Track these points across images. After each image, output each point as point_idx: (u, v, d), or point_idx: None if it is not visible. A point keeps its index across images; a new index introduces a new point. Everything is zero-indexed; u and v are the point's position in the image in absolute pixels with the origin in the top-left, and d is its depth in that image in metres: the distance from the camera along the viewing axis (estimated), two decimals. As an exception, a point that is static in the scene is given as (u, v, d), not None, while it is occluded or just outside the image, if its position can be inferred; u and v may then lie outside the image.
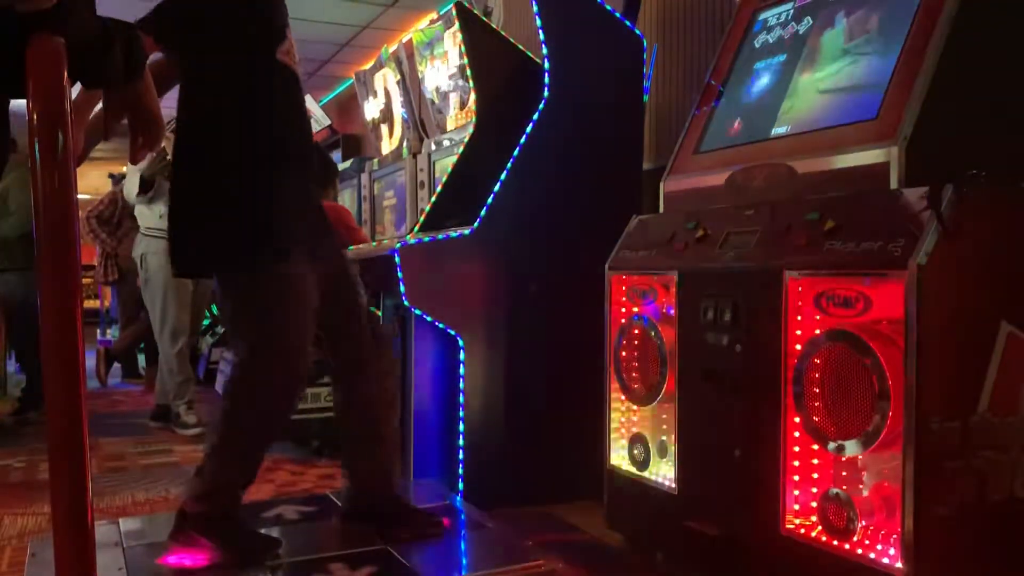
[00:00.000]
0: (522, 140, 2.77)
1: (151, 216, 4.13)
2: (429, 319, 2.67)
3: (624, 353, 2.29)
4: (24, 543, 2.41)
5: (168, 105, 1.63)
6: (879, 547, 1.60)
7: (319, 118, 7.25)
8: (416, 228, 3.23)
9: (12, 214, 4.40)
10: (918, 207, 1.55)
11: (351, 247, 3.32)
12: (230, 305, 2.00)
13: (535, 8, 2.78)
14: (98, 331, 8.74)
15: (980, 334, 1.59)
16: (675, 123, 3.23)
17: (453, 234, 2.73)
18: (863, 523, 1.63)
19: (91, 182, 6.07)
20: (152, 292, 4.15)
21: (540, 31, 2.78)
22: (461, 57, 3.53)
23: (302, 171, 1.99)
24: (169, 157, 3.87)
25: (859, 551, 1.62)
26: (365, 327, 2.11)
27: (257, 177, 1.89)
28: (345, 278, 2.09)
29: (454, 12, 3.30)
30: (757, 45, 2.27)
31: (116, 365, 6.12)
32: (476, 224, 2.70)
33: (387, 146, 4.96)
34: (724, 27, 2.54)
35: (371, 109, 5.12)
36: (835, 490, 1.67)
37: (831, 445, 1.67)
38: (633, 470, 2.28)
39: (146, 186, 4.05)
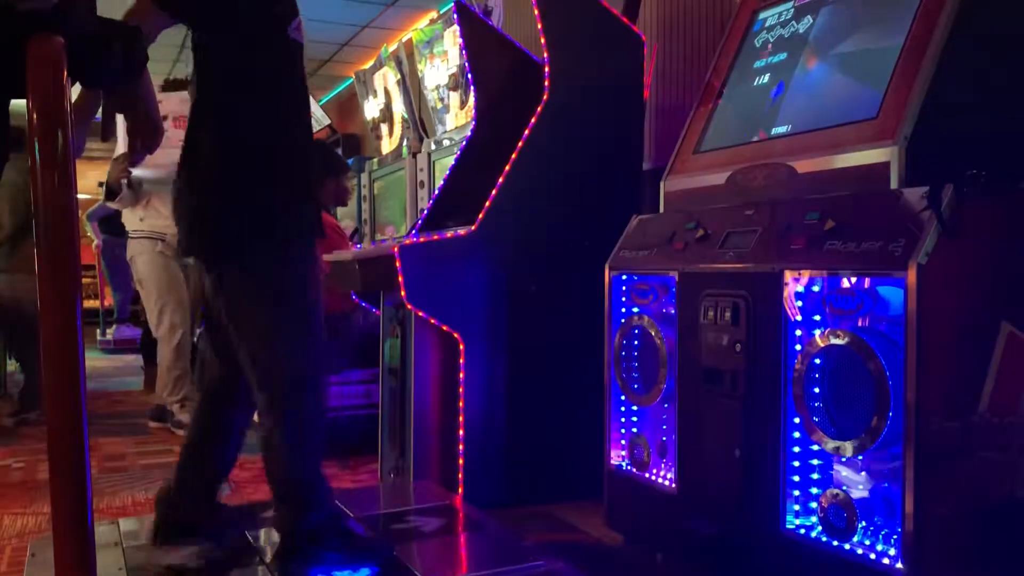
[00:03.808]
0: (522, 140, 2.76)
1: (133, 219, 4.13)
2: (429, 319, 2.67)
3: (624, 353, 2.29)
4: (24, 543, 2.41)
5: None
6: (879, 547, 1.60)
7: (319, 118, 7.25)
8: (416, 228, 3.23)
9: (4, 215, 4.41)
10: (918, 207, 1.55)
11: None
12: (261, 296, 1.82)
13: (535, 8, 2.77)
14: (98, 331, 8.75)
15: (980, 334, 1.59)
16: (675, 123, 3.23)
17: (453, 234, 2.73)
18: (863, 523, 1.63)
19: (90, 182, 6.06)
20: (146, 292, 4.16)
21: (540, 31, 2.78)
22: (461, 56, 3.53)
23: (309, 160, 1.94)
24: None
25: (859, 551, 1.62)
26: None
27: (280, 159, 1.83)
28: None
29: (454, 12, 3.30)
30: (757, 45, 2.27)
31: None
32: (476, 224, 2.70)
33: (387, 146, 4.96)
34: (724, 27, 2.54)
35: (371, 109, 5.12)
36: (835, 490, 1.67)
37: (831, 445, 1.67)
38: (633, 470, 2.28)
39: (111, 193, 4.04)
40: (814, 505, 1.73)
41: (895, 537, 1.56)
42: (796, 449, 1.77)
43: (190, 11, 1.77)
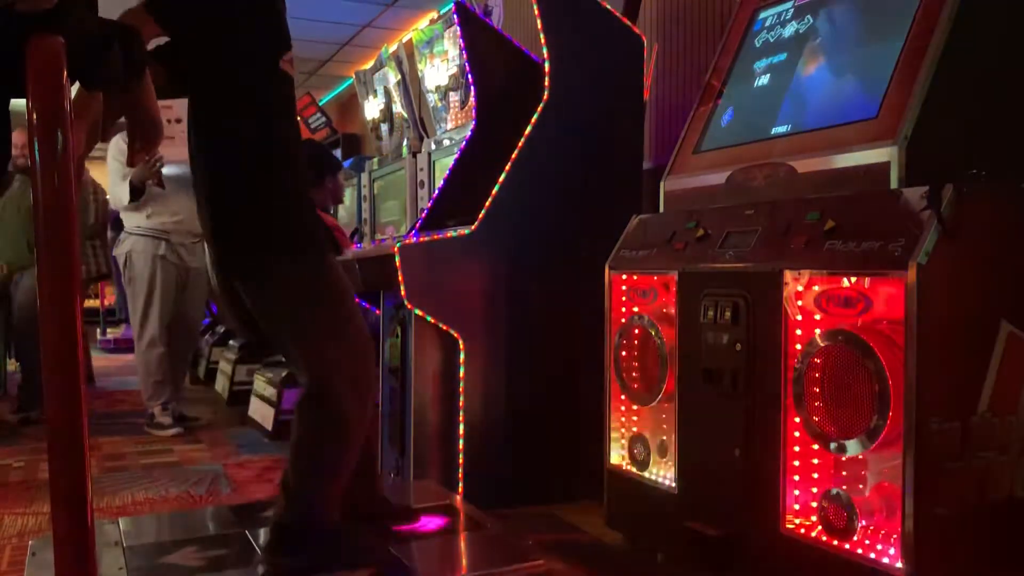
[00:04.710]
0: (522, 140, 2.76)
1: (138, 216, 4.12)
2: (429, 319, 2.67)
3: (624, 353, 2.29)
4: (24, 543, 2.41)
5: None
6: (879, 547, 1.60)
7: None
8: (416, 228, 3.23)
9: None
10: (918, 207, 1.55)
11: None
12: (289, 303, 1.85)
13: (535, 8, 2.78)
14: (98, 331, 8.76)
15: (980, 334, 1.60)
16: (675, 123, 3.23)
17: (453, 234, 2.73)
18: (863, 523, 1.63)
19: (91, 182, 6.08)
20: (136, 292, 4.14)
21: (540, 31, 2.77)
22: (461, 57, 3.53)
23: (304, 182, 1.99)
24: (161, 163, 3.89)
25: (859, 551, 1.62)
26: None
27: (284, 179, 1.88)
28: None
29: (454, 12, 3.30)
30: (757, 44, 2.27)
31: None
32: (476, 224, 2.70)
33: (387, 146, 4.96)
34: (724, 26, 2.54)
35: (371, 109, 5.11)
36: (835, 490, 1.67)
37: (831, 445, 1.67)
38: (633, 470, 2.28)
39: (137, 193, 4.04)
40: (814, 505, 1.73)
41: (895, 537, 1.56)
42: (796, 449, 1.77)
43: (180, 27, 1.78)
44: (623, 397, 2.32)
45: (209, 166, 1.88)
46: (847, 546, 1.64)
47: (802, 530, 1.74)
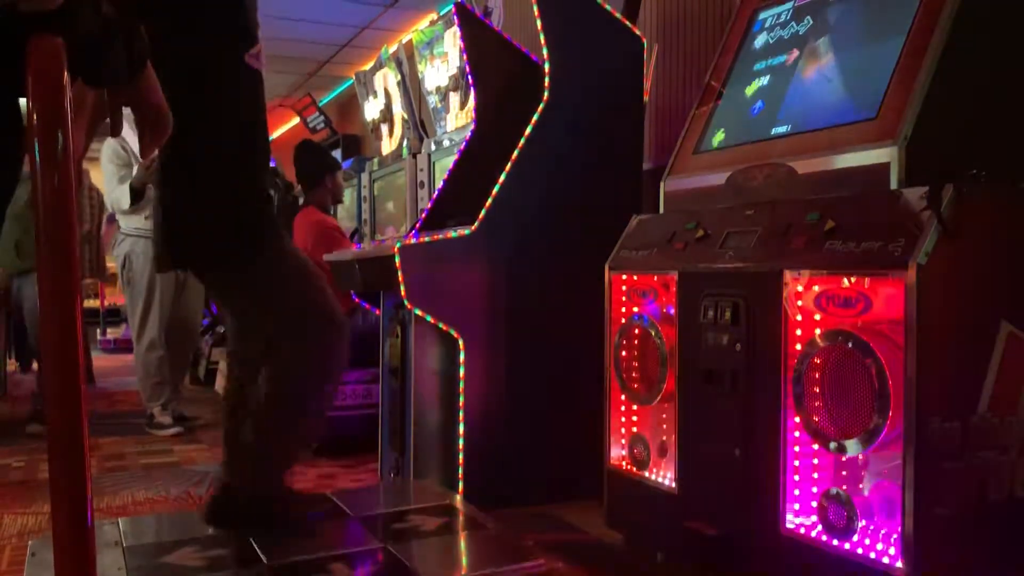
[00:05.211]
0: (522, 140, 2.76)
1: (136, 217, 4.11)
2: (429, 319, 2.67)
3: (624, 353, 2.29)
4: (24, 543, 2.41)
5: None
6: (879, 547, 1.60)
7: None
8: (416, 228, 3.23)
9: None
10: (918, 207, 1.55)
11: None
12: (249, 292, 2.03)
13: (535, 8, 2.78)
14: (98, 331, 8.76)
15: (980, 334, 1.60)
16: (675, 123, 3.23)
17: (453, 234, 2.73)
18: (863, 523, 1.63)
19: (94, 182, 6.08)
20: (135, 293, 4.14)
21: (540, 31, 2.78)
22: (461, 58, 3.53)
23: (266, 174, 2.06)
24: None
25: (859, 551, 1.62)
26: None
27: (239, 174, 1.93)
28: None
29: (454, 13, 3.30)
30: (757, 45, 2.27)
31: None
32: (476, 224, 2.70)
33: (387, 146, 4.96)
34: (724, 27, 2.54)
35: (371, 109, 5.12)
36: (835, 490, 1.67)
37: (831, 445, 1.67)
38: (633, 470, 2.28)
39: (137, 196, 4.04)
40: (814, 505, 1.73)
41: (895, 537, 1.56)
42: (796, 449, 1.77)
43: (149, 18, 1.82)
44: (623, 397, 2.32)
45: (164, 158, 1.94)
46: (847, 546, 1.64)
47: (802, 530, 1.74)
